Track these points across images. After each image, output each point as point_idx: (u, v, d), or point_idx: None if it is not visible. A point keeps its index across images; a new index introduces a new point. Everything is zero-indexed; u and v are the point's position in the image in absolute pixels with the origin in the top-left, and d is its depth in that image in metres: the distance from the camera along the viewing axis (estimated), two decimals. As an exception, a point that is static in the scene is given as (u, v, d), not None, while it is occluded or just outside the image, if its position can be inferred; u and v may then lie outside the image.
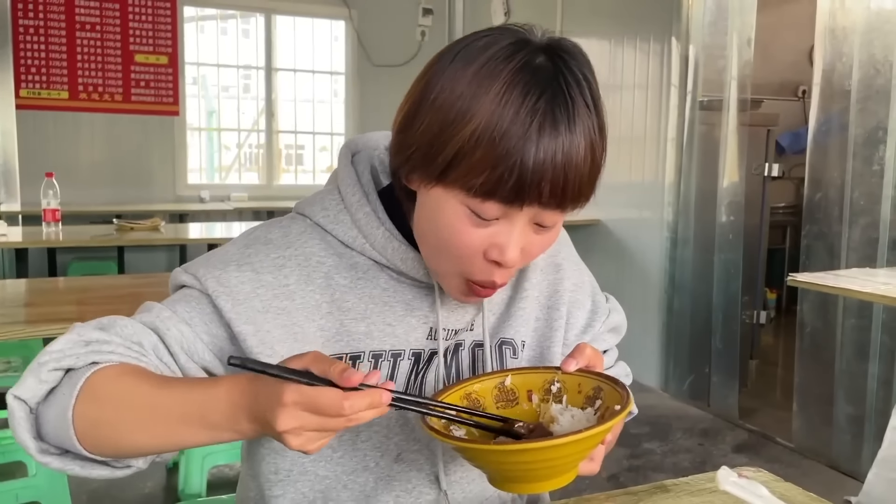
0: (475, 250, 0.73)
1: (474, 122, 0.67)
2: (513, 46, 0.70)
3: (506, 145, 0.66)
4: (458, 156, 0.68)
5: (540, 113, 0.67)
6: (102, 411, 0.68)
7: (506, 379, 0.77)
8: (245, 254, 0.81)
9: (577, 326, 0.94)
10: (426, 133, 0.71)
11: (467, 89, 0.69)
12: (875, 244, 2.84)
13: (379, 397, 0.61)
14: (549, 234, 0.75)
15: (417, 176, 0.74)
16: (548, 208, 0.71)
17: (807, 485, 3.09)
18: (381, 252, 0.82)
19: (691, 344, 3.79)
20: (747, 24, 3.47)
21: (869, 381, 2.86)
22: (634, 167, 4.11)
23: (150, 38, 5.24)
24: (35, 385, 0.69)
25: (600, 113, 0.72)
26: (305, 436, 0.62)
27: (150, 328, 0.76)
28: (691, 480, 0.93)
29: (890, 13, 2.81)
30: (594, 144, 0.70)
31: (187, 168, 5.60)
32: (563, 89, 0.69)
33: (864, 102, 2.89)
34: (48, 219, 3.45)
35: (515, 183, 0.67)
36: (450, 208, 0.72)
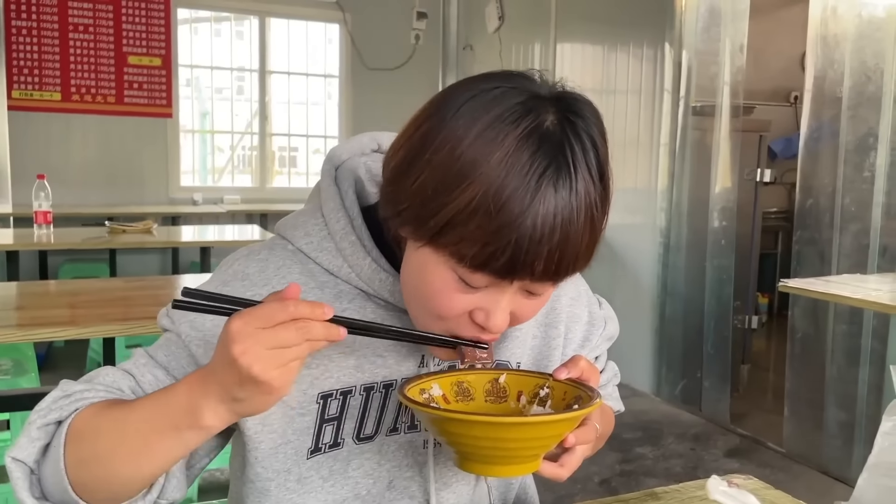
0: (459, 311, 0.70)
1: (472, 190, 0.64)
2: (521, 107, 0.65)
3: (502, 220, 0.63)
4: (452, 223, 0.65)
5: (541, 190, 0.63)
6: (86, 448, 0.69)
7: (500, 377, 0.79)
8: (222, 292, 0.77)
9: (576, 341, 0.93)
10: (420, 192, 0.67)
11: (468, 151, 0.64)
12: (866, 250, 2.86)
13: (320, 306, 0.62)
14: (541, 299, 0.73)
15: (408, 231, 0.70)
16: (539, 281, 0.68)
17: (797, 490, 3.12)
18: (368, 283, 0.79)
19: (683, 349, 3.80)
20: (740, 31, 3.49)
21: (859, 387, 2.88)
22: (627, 173, 4.12)
23: (143, 40, 5.23)
24: (27, 444, 0.70)
25: (605, 182, 0.68)
26: (266, 355, 0.60)
27: (129, 374, 0.77)
28: (682, 488, 0.93)
29: (881, 21, 2.83)
30: (594, 219, 0.67)
31: (180, 170, 5.59)
32: (567, 162, 0.65)
33: (855, 109, 2.91)
34: (39, 221, 3.44)
35: (509, 260, 0.64)
36: (438, 271, 0.69)
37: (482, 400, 0.78)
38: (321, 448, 0.80)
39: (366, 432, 0.81)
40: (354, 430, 0.81)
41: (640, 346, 3.96)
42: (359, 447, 0.81)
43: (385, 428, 0.82)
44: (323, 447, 0.80)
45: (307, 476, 0.80)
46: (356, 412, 0.80)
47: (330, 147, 5.65)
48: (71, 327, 1.80)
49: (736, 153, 3.57)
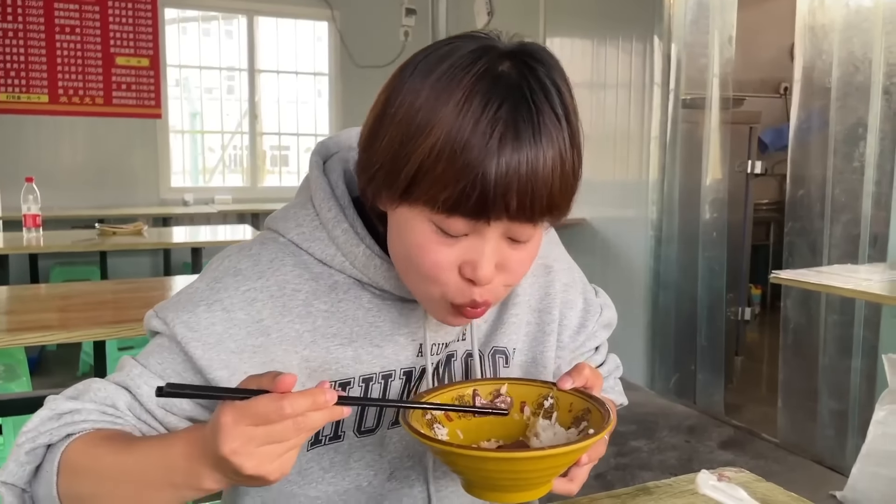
0: (447, 269, 0.70)
1: (434, 135, 0.65)
2: (474, 54, 0.67)
3: (466, 158, 0.64)
4: (420, 171, 0.66)
5: (501, 123, 0.64)
6: (81, 486, 0.68)
7: (502, 387, 0.77)
8: (214, 289, 0.77)
9: (571, 327, 0.92)
10: (388, 150, 0.69)
11: (426, 102, 0.66)
12: (856, 240, 2.87)
13: (322, 394, 0.59)
14: (527, 248, 0.72)
15: (384, 196, 0.71)
16: (517, 222, 0.68)
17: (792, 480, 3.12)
18: (363, 271, 0.79)
19: (677, 341, 3.81)
20: (728, 23, 3.50)
21: (852, 376, 2.89)
22: (618, 166, 4.12)
23: (130, 41, 5.20)
24: (16, 468, 0.70)
25: (572, 122, 0.69)
26: (259, 453, 0.58)
27: (124, 387, 0.75)
28: (674, 482, 0.93)
29: (868, 11, 2.83)
30: (563, 155, 0.68)
31: (170, 171, 5.56)
32: (527, 98, 0.66)
33: (845, 100, 2.92)
34: (29, 224, 3.42)
35: (479, 197, 0.65)
36: (416, 226, 0.69)
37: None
38: (321, 440, 0.80)
39: (367, 425, 0.81)
40: (355, 422, 0.81)
41: (634, 340, 3.97)
42: (360, 440, 0.81)
43: (387, 420, 0.82)
44: (323, 439, 0.80)
45: (307, 468, 0.80)
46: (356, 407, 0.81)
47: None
48: (62, 331, 1.79)
49: (726, 145, 3.58)
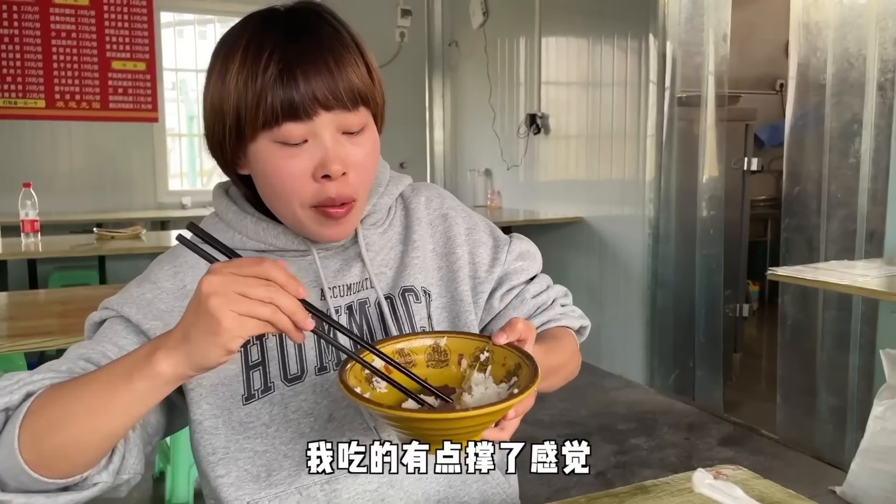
0: (301, 177, 0.81)
1: (234, 78, 0.79)
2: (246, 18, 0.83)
3: (263, 78, 0.77)
4: (238, 108, 0.79)
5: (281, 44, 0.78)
6: (43, 420, 0.70)
7: (441, 340, 0.81)
8: (143, 276, 0.91)
9: (484, 263, 0.98)
10: (213, 114, 0.82)
11: (223, 59, 0.81)
12: (853, 236, 2.87)
13: (297, 284, 0.67)
14: (364, 140, 0.83)
15: (231, 151, 0.83)
16: (336, 110, 0.80)
17: (791, 476, 3.12)
18: (255, 237, 0.89)
19: (675, 339, 3.81)
20: (723, 21, 3.50)
21: (850, 372, 2.89)
22: (615, 164, 4.13)
23: (126, 45, 5.19)
24: None
25: (350, 31, 0.85)
26: (228, 295, 0.64)
27: (78, 358, 0.80)
28: (671, 480, 0.94)
29: (862, 7, 2.84)
30: (347, 52, 0.81)
31: (168, 174, 5.56)
32: (301, 23, 0.81)
33: (840, 96, 2.93)
34: (27, 229, 3.42)
35: (289, 99, 0.77)
36: (263, 153, 0.81)
37: (424, 365, 0.80)
38: (254, 395, 0.86)
39: (292, 372, 0.87)
40: (280, 370, 0.87)
41: (633, 338, 3.97)
42: (291, 388, 0.87)
43: (311, 366, 0.88)
44: (256, 393, 0.86)
45: (248, 422, 0.86)
46: (276, 353, 0.87)
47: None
48: (60, 336, 1.80)
49: (722, 142, 3.59)
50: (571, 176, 4.53)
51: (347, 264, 0.92)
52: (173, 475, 2.22)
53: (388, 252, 0.95)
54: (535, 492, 1.05)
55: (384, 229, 0.97)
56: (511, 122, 5.08)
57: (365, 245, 0.93)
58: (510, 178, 5.11)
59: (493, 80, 5.24)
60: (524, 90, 4.93)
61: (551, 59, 4.66)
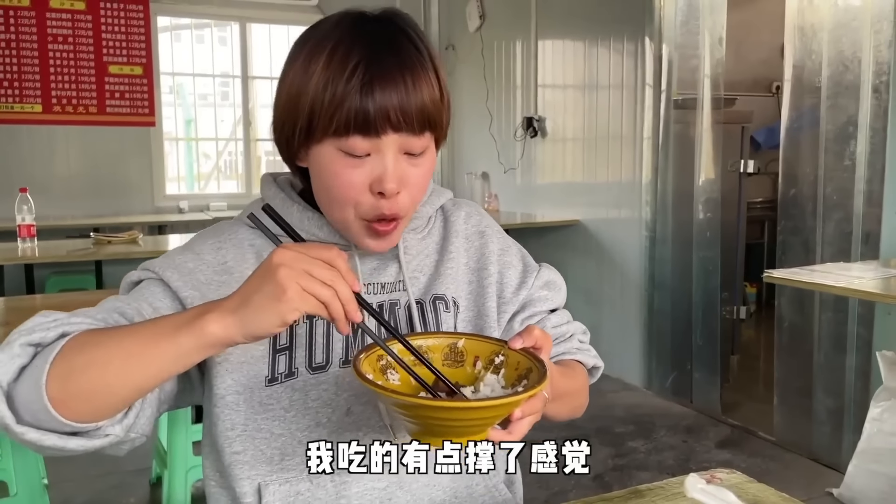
0: (358, 188, 0.83)
1: (315, 79, 0.81)
2: (338, 16, 0.84)
3: (345, 87, 0.79)
4: (313, 109, 0.82)
5: (367, 56, 0.80)
6: (80, 358, 0.70)
7: (459, 341, 0.83)
8: (185, 245, 0.93)
9: (512, 285, 1.01)
10: (286, 104, 0.85)
11: (307, 56, 0.83)
12: (849, 238, 2.88)
13: (357, 279, 0.72)
14: (423, 163, 0.86)
15: (296, 145, 0.86)
16: (404, 133, 0.82)
17: (788, 478, 3.12)
18: (300, 226, 0.91)
19: (673, 341, 3.82)
20: (718, 24, 3.51)
21: (847, 374, 2.90)
22: (612, 167, 4.14)
23: (123, 49, 5.20)
24: (7, 360, 0.71)
25: (431, 52, 0.85)
26: (296, 269, 0.68)
27: (112, 310, 0.82)
28: (666, 485, 0.94)
29: (857, 10, 2.85)
30: (425, 75, 0.83)
31: (165, 178, 5.56)
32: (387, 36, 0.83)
33: (835, 98, 2.93)
34: (23, 234, 3.41)
35: (363, 114, 0.80)
36: (326, 157, 0.84)
37: (440, 363, 0.81)
38: (277, 378, 0.88)
39: (317, 361, 0.89)
40: (306, 358, 0.89)
41: (630, 340, 3.98)
42: (314, 377, 0.89)
43: (336, 358, 0.90)
44: (279, 377, 0.88)
45: (269, 403, 0.88)
46: (304, 340, 0.89)
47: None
48: (56, 342, 1.79)
49: (719, 145, 3.59)
50: (568, 179, 4.53)
51: (384, 264, 0.95)
52: (170, 480, 2.21)
53: (423, 258, 0.99)
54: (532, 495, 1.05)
55: (423, 236, 1.00)
56: (508, 125, 5.09)
57: (403, 248, 0.96)
58: (507, 181, 5.11)
59: (489, 83, 5.25)
60: (521, 93, 4.94)
61: (548, 62, 4.67)
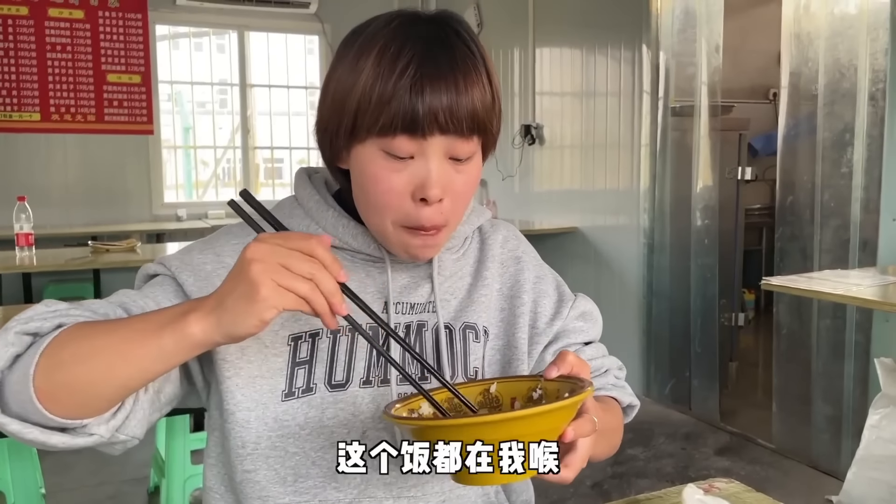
0: (399, 194, 0.79)
1: (364, 77, 0.77)
2: (391, 16, 0.81)
3: (394, 86, 0.76)
4: (360, 108, 0.78)
5: (419, 54, 0.76)
6: (67, 351, 0.70)
7: (491, 386, 0.79)
8: (208, 242, 0.89)
9: (546, 315, 0.96)
10: (333, 102, 0.81)
11: (356, 54, 0.79)
12: (846, 245, 2.88)
13: (341, 267, 0.68)
14: (468, 169, 0.82)
15: (340, 145, 0.82)
16: (451, 135, 0.78)
17: (788, 485, 3.10)
18: (333, 232, 0.88)
19: (671, 348, 3.82)
20: (715, 32, 3.52)
21: (845, 381, 2.90)
22: (609, 174, 4.14)
23: (122, 58, 5.21)
24: (1, 348, 0.71)
25: (484, 54, 0.81)
26: (270, 265, 0.65)
27: (117, 305, 0.81)
28: (664, 494, 0.94)
29: (853, 18, 2.86)
30: (478, 77, 0.79)
31: (163, 186, 5.56)
32: (440, 37, 0.79)
33: (831, 106, 2.94)
34: (21, 243, 3.41)
35: (412, 113, 0.76)
36: (368, 158, 0.80)
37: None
38: (294, 392, 0.84)
39: (337, 379, 0.85)
40: (325, 374, 0.85)
41: (628, 347, 3.97)
42: (332, 395, 0.85)
43: (357, 378, 0.86)
44: (296, 391, 0.84)
45: (284, 419, 0.84)
46: (325, 356, 0.85)
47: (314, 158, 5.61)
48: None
49: (716, 152, 3.60)
50: (566, 186, 4.54)
51: (415, 282, 0.91)
52: (168, 489, 2.20)
53: (457, 281, 0.94)
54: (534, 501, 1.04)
55: (458, 256, 0.96)
56: (506, 133, 5.09)
57: (438, 267, 0.91)
58: (505, 189, 5.12)
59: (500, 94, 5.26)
60: (519, 101, 4.95)
61: (545, 69, 4.68)
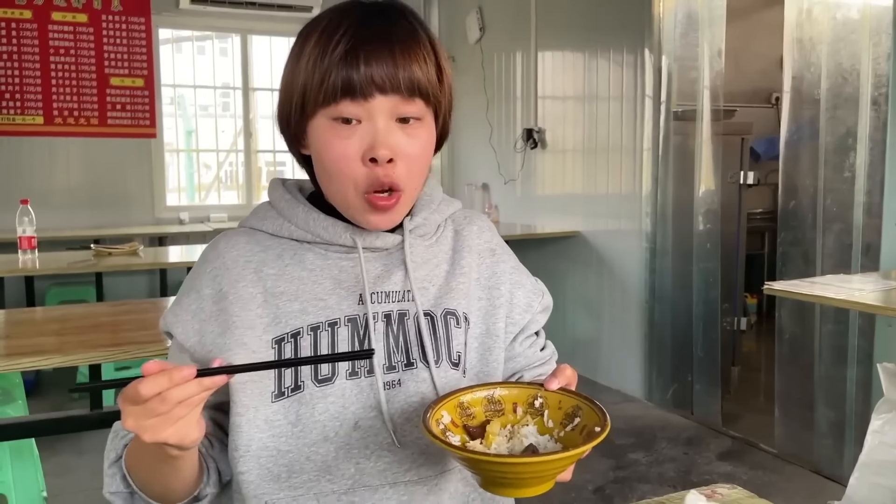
0: (352, 158, 0.84)
1: (306, 54, 0.84)
2: (330, 8, 0.86)
3: (331, 55, 0.82)
4: (306, 86, 0.84)
5: (354, 29, 0.82)
6: (138, 480, 0.85)
7: (494, 391, 0.84)
8: (191, 280, 0.94)
9: (521, 305, 1.00)
10: (285, 92, 0.88)
11: (302, 43, 0.86)
12: (849, 250, 2.88)
13: (179, 371, 0.68)
14: (418, 133, 0.86)
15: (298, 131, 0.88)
16: (392, 95, 0.82)
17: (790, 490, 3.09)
18: (304, 227, 0.92)
19: (673, 353, 3.81)
20: (717, 36, 3.53)
21: (848, 386, 2.89)
22: (612, 178, 4.14)
23: (125, 61, 5.22)
24: (109, 481, 0.86)
25: (429, 33, 0.86)
26: (148, 425, 0.69)
27: None
28: (666, 500, 0.94)
29: (855, 23, 2.86)
30: (417, 45, 0.84)
31: (166, 190, 5.57)
32: (379, 10, 0.85)
33: (834, 111, 2.94)
34: (24, 246, 3.41)
35: (350, 78, 0.81)
36: (320, 130, 0.85)
37: (483, 416, 0.82)
38: (284, 392, 0.87)
39: (323, 374, 0.87)
40: (312, 370, 0.87)
41: (630, 352, 3.97)
42: (321, 390, 0.87)
43: (343, 370, 0.88)
44: (286, 391, 0.87)
45: (275, 419, 0.86)
46: (309, 353, 0.88)
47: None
48: (57, 355, 1.79)
49: (718, 156, 3.60)
50: (568, 190, 4.54)
51: (389, 270, 0.92)
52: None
53: (432, 268, 0.95)
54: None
55: (431, 243, 0.98)
56: (508, 137, 5.10)
57: (410, 254, 0.93)
58: (507, 193, 5.12)
59: (489, 94, 5.27)
60: (521, 105, 4.95)
61: (548, 73, 4.68)
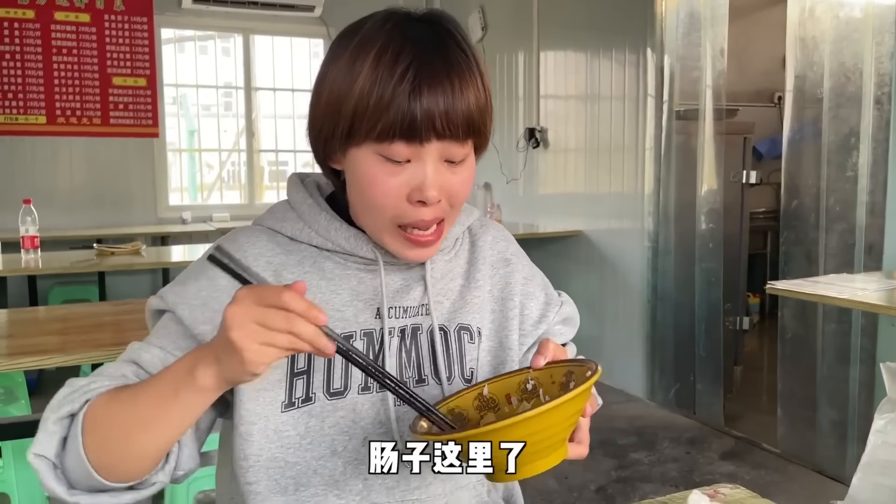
0: (396, 196, 0.81)
1: (361, 82, 0.79)
2: (384, 17, 0.82)
3: (392, 92, 0.77)
4: (356, 112, 0.79)
5: (416, 61, 0.78)
6: (102, 433, 0.74)
7: (483, 389, 0.81)
8: (202, 266, 0.88)
9: (532, 317, 0.99)
10: (328, 104, 0.82)
11: (351, 56, 0.80)
12: (852, 249, 2.88)
13: (318, 312, 0.68)
14: (463, 170, 0.84)
15: (334, 146, 0.84)
16: (447, 140, 0.80)
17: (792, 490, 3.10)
18: (325, 235, 0.89)
19: (676, 352, 3.81)
20: (719, 35, 3.52)
21: (850, 385, 2.89)
22: (614, 178, 4.14)
23: (127, 61, 5.22)
24: (45, 439, 0.76)
25: (476, 55, 0.84)
26: (249, 327, 0.66)
27: (128, 361, 0.84)
28: (668, 500, 0.94)
29: (858, 22, 2.85)
30: (472, 78, 0.81)
31: (168, 189, 5.57)
32: (435, 42, 0.80)
33: (836, 110, 2.94)
34: (27, 246, 3.42)
35: (409, 121, 0.77)
36: (364, 161, 0.81)
37: (477, 418, 0.79)
38: (294, 403, 0.85)
39: (335, 387, 0.86)
40: (324, 383, 0.86)
41: (633, 351, 3.97)
42: (332, 403, 0.86)
43: (355, 384, 0.87)
44: (296, 402, 0.85)
45: (284, 430, 0.85)
46: (322, 364, 0.86)
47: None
48: (59, 355, 1.80)
49: (720, 156, 3.60)
50: (570, 189, 4.54)
51: (408, 285, 0.91)
52: (172, 492, 2.21)
53: (449, 282, 0.94)
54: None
55: (450, 258, 0.96)
56: (510, 136, 5.10)
57: (430, 269, 0.92)
58: (509, 192, 5.12)
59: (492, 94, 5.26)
60: (523, 104, 4.95)
61: (550, 73, 4.68)
